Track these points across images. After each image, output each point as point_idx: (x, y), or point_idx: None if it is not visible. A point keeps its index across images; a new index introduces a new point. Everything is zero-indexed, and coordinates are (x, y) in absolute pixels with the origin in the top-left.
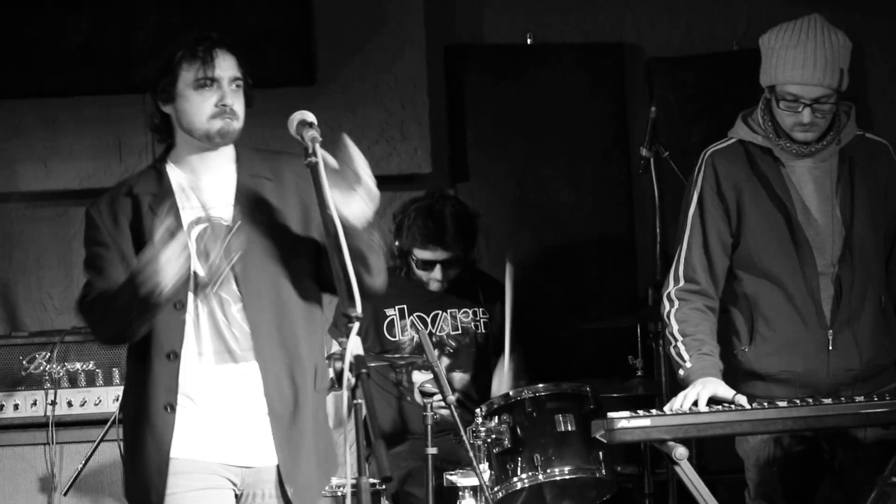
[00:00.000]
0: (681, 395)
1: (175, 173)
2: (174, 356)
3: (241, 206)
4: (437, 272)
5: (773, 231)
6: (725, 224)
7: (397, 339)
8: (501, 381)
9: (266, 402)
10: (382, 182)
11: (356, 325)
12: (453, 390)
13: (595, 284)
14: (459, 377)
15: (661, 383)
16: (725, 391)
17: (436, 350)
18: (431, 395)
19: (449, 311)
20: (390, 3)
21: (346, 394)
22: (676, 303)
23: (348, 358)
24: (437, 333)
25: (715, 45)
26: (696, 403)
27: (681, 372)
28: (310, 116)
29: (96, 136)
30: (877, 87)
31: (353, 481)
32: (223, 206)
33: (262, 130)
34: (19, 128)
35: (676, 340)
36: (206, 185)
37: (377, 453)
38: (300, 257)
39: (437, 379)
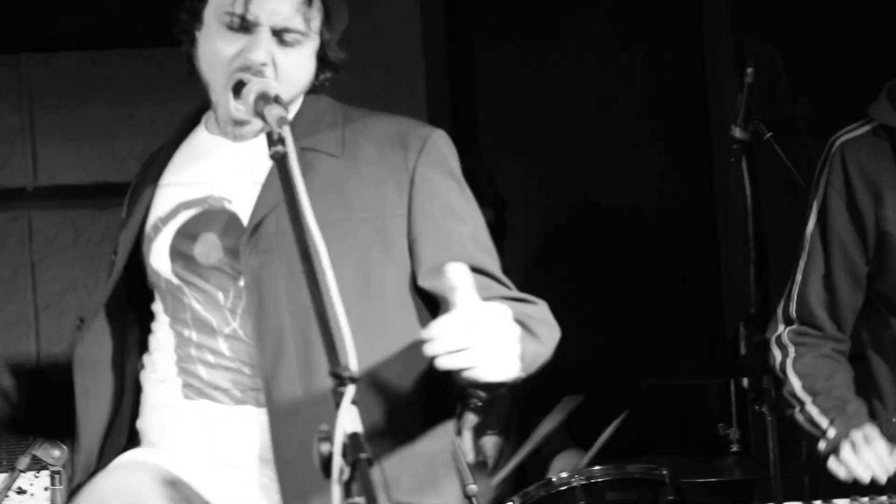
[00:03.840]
0: (853, 457)
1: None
2: None
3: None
4: None
5: None
6: (859, 247)
7: None
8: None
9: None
10: None
11: (350, 390)
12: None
13: (661, 320)
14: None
15: (768, 463)
16: None
17: None
18: None
19: None
20: None
21: (335, 489)
22: (792, 350)
23: (339, 437)
24: None
25: None
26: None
27: (822, 444)
28: (272, 87)
29: None
30: None
31: None
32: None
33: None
34: None
35: (804, 403)
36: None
37: None
38: None
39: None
